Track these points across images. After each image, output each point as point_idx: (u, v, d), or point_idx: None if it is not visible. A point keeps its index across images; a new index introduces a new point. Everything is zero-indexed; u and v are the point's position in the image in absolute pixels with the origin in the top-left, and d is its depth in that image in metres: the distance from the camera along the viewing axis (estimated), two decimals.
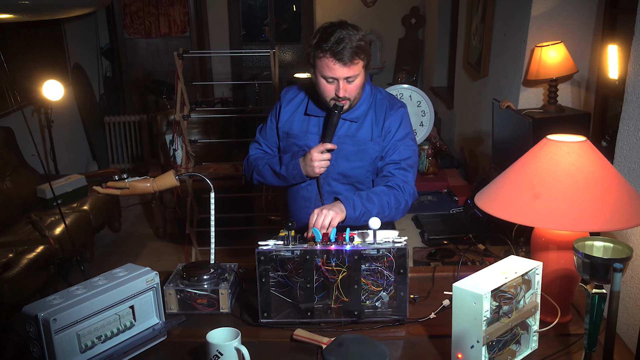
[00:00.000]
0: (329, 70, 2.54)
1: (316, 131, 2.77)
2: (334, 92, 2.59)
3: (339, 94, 2.58)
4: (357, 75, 2.59)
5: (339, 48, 2.48)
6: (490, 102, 4.43)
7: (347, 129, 2.74)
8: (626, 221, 1.99)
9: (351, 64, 2.53)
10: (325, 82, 2.59)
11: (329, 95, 2.62)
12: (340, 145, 2.72)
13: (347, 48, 2.48)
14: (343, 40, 2.48)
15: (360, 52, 2.54)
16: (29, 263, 4.50)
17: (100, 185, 2.52)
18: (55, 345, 1.85)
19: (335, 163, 2.73)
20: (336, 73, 2.54)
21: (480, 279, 1.89)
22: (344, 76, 2.55)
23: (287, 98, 2.87)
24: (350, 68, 2.54)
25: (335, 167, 2.75)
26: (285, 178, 2.76)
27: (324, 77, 2.58)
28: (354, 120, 2.74)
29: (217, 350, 1.91)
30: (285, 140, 2.84)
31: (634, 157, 2.50)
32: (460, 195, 4.48)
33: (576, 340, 2.11)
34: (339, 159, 2.74)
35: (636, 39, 2.51)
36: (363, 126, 2.74)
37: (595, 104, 3.97)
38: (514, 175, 2.19)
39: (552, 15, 3.99)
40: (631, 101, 2.53)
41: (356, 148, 2.74)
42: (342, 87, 2.57)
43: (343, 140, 2.73)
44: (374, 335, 2.14)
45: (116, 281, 2.06)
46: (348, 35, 2.50)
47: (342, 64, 2.51)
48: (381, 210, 2.57)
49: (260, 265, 2.16)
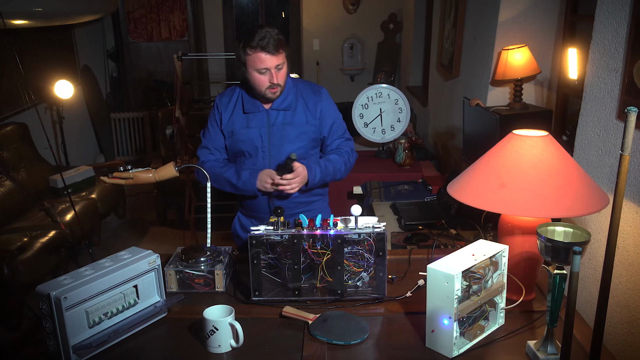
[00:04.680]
0: (261, 63, 2.66)
1: (255, 124, 2.86)
2: (267, 81, 2.72)
3: (273, 81, 2.72)
4: (284, 63, 2.74)
5: (264, 42, 2.62)
6: (461, 100, 4.43)
7: (283, 117, 2.86)
8: (585, 208, 1.99)
9: (277, 54, 2.67)
10: (258, 74, 2.70)
11: (263, 85, 2.73)
12: (282, 131, 2.86)
13: (271, 41, 2.63)
14: (266, 36, 2.62)
15: (282, 44, 2.69)
16: (42, 246, 4.50)
17: (106, 175, 2.51)
18: (66, 321, 1.84)
19: (281, 147, 2.85)
20: (267, 63, 2.67)
21: (452, 260, 1.89)
22: (274, 65, 2.68)
23: (223, 103, 2.94)
24: (278, 57, 2.68)
25: (282, 151, 2.84)
26: (241, 190, 2.86)
27: (257, 71, 2.69)
28: (286, 109, 2.86)
29: (213, 326, 1.91)
30: (230, 139, 2.92)
31: (592, 150, 2.50)
32: (434, 185, 4.47)
33: (539, 317, 2.11)
34: (284, 143, 2.85)
35: (594, 43, 2.51)
36: (296, 113, 2.87)
37: (556, 101, 3.97)
38: (483, 166, 2.18)
39: (518, 21, 3.98)
40: (589, 99, 2.53)
41: (296, 131, 2.86)
42: (275, 75, 2.70)
43: (283, 128, 2.85)
44: (355, 312, 2.14)
45: (121, 263, 2.05)
46: (268, 32, 2.64)
47: (271, 54, 2.65)
48: (333, 175, 2.90)
49: (252, 249, 2.15)
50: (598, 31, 2.47)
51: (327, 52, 9.37)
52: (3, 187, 5.17)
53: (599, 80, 2.45)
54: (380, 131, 5.31)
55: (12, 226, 4.83)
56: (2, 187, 5.16)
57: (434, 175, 4.95)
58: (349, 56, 9.40)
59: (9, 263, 4.12)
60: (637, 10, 2.17)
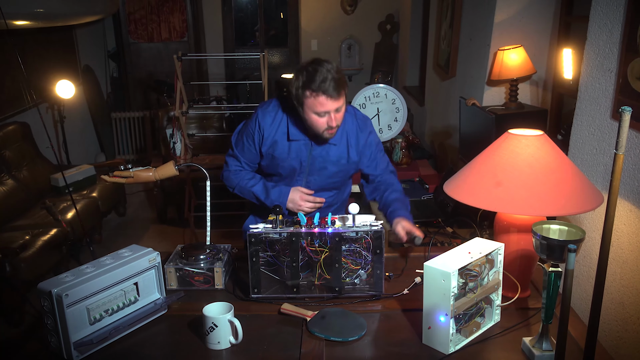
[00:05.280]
0: (322, 107, 2.46)
1: (296, 155, 2.70)
2: (326, 123, 2.52)
3: (332, 124, 2.52)
4: (343, 104, 2.54)
5: (326, 86, 2.41)
6: (457, 100, 4.43)
7: (327, 151, 2.71)
8: (579, 206, 1.99)
9: (339, 97, 2.47)
10: (317, 117, 2.50)
11: (321, 127, 2.54)
12: (324, 163, 2.72)
13: (333, 83, 2.42)
14: (327, 77, 2.41)
15: (343, 84, 2.48)
16: (44, 244, 4.49)
17: (107, 174, 2.50)
18: (67, 317, 1.84)
19: (320, 174, 2.75)
20: (327, 107, 2.46)
21: (449, 258, 1.89)
22: (334, 108, 2.48)
23: (266, 122, 2.70)
24: (338, 100, 2.48)
25: (321, 176, 2.75)
26: (266, 205, 2.74)
27: (315, 113, 2.50)
28: (331, 143, 2.70)
29: (213, 322, 1.91)
30: (270, 161, 2.75)
31: (586, 149, 2.50)
32: (431, 184, 4.47)
33: (534, 314, 2.11)
34: (323, 175, 2.75)
35: (588, 43, 2.51)
36: (339, 148, 2.71)
37: (551, 101, 3.97)
38: (479, 165, 2.18)
39: (513, 22, 3.98)
40: (584, 99, 2.53)
41: (336, 168, 2.74)
42: (334, 118, 2.51)
43: (324, 160, 2.71)
44: (353, 309, 2.14)
45: (122, 260, 2.05)
46: (328, 71, 2.44)
47: (333, 99, 2.45)
48: None
49: (251, 246, 2.15)
50: (592, 32, 2.48)
51: (325, 52, 9.36)
52: (5, 185, 5.17)
53: (594, 80, 2.45)
54: (378, 130, 5.30)
55: (14, 224, 4.82)
56: (4, 186, 5.15)
57: (430, 174, 4.95)
58: (346, 56, 9.40)
59: (12, 260, 4.11)
60: (631, 11, 2.17)
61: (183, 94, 5.13)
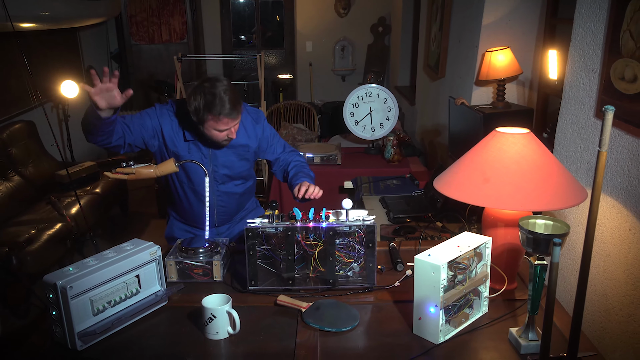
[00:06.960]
0: (224, 126, 2.55)
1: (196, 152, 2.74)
2: (226, 136, 2.61)
3: (232, 137, 2.63)
4: (240, 117, 2.63)
5: (226, 110, 2.49)
6: (446, 99, 4.42)
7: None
8: (564, 202, 1.99)
9: (238, 114, 2.57)
10: (217, 132, 2.58)
11: (221, 139, 2.62)
12: (226, 156, 2.78)
13: (230, 105, 2.49)
14: (224, 100, 2.48)
15: (239, 101, 2.56)
16: (49, 238, 4.48)
17: (110, 171, 2.49)
18: (71, 309, 1.84)
19: (219, 170, 2.80)
20: (229, 125, 2.57)
21: (438, 252, 1.88)
22: (234, 124, 2.60)
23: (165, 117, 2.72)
24: (238, 117, 2.59)
25: (221, 172, 2.81)
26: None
27: (217, 130, 2.57)
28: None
29: (211, 314, 1.90)
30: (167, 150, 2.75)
31: (571, 147, 2.49)
32: (421, 180, 4.47)
33: (521, 305, 2.12)
34: (225, 167, 2.80)
35: (573, 45, 2.50)
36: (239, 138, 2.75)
37: (537, 101, 3.96)
38: (467, 162, 2.18)
39: (500, 24, 3.98)
40: (568, 98, 2.53)
41: (237, 158, 2.82)
42: (234, 131, 2.62)
43: (226, 152, 2.78)
44: (346, 301, 2.14)
45: (124, 254, 2.05)
46: (225, 92, 2.49)
47: (233, 118, 2.55)
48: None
49: (249, 240, 2.15)
50: (577, 34, 2.47)
51: (319, 53, 9.36)
52: (12, 181, 5.16)
53: (578, 81, 2.44)
54: (370, 129, 5.30)
55: (20, 219, 4.81)
56: (10, 182, 5.14)
57: (421, 170, 4.94)
58: (340, 57, 9.39)
59: (18, 254, 4.10)
60: (614, 14, 2.16)
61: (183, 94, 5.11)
